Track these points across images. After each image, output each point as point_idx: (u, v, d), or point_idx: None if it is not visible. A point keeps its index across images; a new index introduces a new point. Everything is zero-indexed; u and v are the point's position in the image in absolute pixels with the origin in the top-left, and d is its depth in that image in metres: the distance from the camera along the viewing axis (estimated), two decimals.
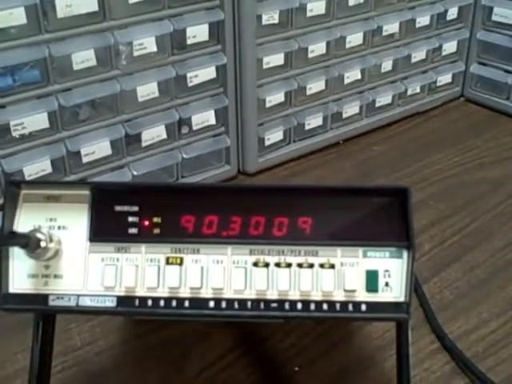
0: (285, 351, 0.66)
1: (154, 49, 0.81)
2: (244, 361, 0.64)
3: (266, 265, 0.47)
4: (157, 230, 0.48)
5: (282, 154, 1.00)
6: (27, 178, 0.76)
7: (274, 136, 0.98)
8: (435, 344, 0.66)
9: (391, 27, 1.02)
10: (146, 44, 0.80)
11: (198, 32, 0.84)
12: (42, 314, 0.51)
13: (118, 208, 0.48)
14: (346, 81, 1.01)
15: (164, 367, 0.64)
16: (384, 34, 1.02)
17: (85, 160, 0.82)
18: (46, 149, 0.78)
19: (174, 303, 0.47)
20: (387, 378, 0.62)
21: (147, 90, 0.83)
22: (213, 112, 0.91)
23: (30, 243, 0.45)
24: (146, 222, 0.48)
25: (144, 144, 0.86)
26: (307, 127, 1.01)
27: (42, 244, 0.46)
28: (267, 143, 0.97)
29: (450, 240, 0.81)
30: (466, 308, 0.71)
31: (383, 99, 1.08)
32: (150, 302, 0.47)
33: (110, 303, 0.47)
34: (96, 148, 0.82)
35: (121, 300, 0.47)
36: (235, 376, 0.63)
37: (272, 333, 0.67)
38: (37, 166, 0.78)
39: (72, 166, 0.81)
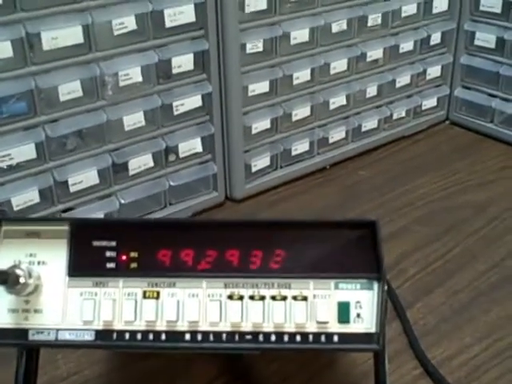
0: (269, 379, 0.66)
1: (140, 79, 0.82)
2: None
3: (241, 298, 0.48)
4: (134, 265, 0.49)
5: (269, 179, 1.01)
6: (15, 208, 0.77)
7: (261, 162, 0.99)
8: (418, 369, 0.67)
9: (375, 53, 1.04)
10: (132, 74, 0.81)
11: (183, 62, 0.85)
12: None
13: (95, 243, 0.49)
14: (332, 106, 1.03)
15: None
16: (368, 59, 1.04)
17: (72, 189, 0.82)
18: (33, 179, 0.79)
19: (150, 336, 0.48)
20: None
21: (133, 119, 0.84)
22: (199, 140, 0.92)
23: (9, 280, 0.46)
24: (124, 257, 0.49)
25: (131, 172, 0.87)
26: (294, 153, 1.02)
27: (21, 280, 0.47)
28: (254, 169, 0.98)
29: (433, 265, 0.82)
30: (448, 333, 0.71)
31: (369, 124, 1.09)
32: (127, 336, 0.48)
33: (89, 337, 0.48)
34: (83, 177, 0.83)
35: (99, 334, 0.48)
36: None
37: (256, 361, 0.68)
38: (25, 197, 0.78)
39: (60, 196, 0.82)
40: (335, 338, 0.47)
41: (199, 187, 0.96)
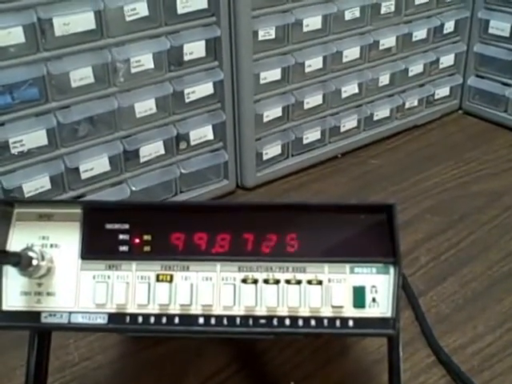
0: (281, 366, 0.66)
1: (152, 65, 0.82)
2: (240, 376, 0.65)
3: (255, 281, 0.48)
4: (147, 248, 0.48)
5: (281, 168, 1.00)
6: (26, 195, 0.77)
7: (272, 150, 0.98)
8: (431, 358, 0.66)
9: (388, 41, 1.03)
10: (144, 61, 0.81)
11: (194, 48, 0.85)
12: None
13: (108, 226, 0.49)
14: (344, 95, 1.02)
15: (161, 383, 0.64)
16: (381, 48, 1.03)
17: (83, 176, 0.82)
18: (44, 165, 0.79)
19: (164, 320, 0.48)
20: None
21: (145, 106, 0.84)
22: (210, 127, 0.91)
23: (21, 261, 0.46)
24: (137, 240, 0.48)
25: (142, 160, 0.87)
26: (305, 141, 1.01)
27: (34, 262, 0.47)
28: (265, 158, 0.98)
29: (446, 253, 0.81)
30: (461, 321, 0.71)
31: (381, 113, 1.09)
32: (140, 319, 0.48)
33: (102, 320, 0.48)
34: (94, 164, 0.82)
35: (112, 317, 0.48)
36: None
37: (268, 348, 0.67)
38: (36, 183, 0.78)
39: (71, 183, 0.82)
40: (350, 323, 0.47)
41: (210, 175, 0.95)
